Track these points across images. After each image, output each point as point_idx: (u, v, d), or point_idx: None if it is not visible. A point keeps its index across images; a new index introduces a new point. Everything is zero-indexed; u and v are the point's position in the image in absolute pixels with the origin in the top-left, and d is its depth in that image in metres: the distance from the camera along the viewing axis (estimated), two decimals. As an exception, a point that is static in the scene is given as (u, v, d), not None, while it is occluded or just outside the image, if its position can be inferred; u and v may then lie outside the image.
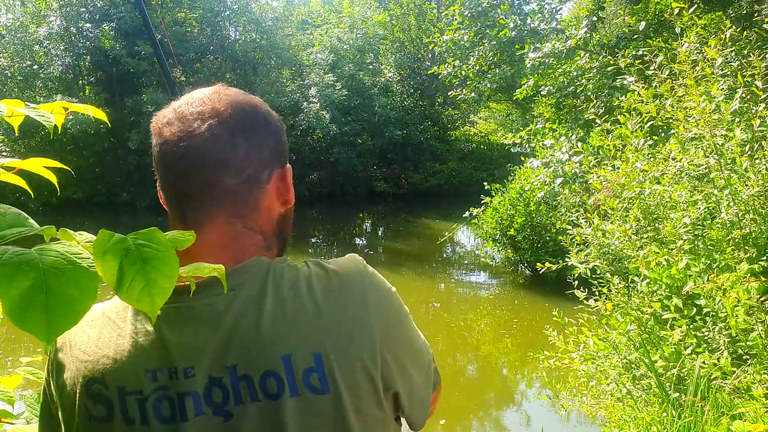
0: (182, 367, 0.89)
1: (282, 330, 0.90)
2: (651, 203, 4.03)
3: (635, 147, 4.25)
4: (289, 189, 1.07)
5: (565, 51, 7.53)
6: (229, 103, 1.01)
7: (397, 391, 0.98)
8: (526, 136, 8.48)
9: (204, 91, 1.03)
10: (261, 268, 0.95)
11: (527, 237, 9.79)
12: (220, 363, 0.89)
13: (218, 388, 0.88)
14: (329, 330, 0.91)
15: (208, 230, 0.97)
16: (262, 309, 0.91)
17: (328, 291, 0.95)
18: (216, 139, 0.97)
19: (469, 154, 26.16)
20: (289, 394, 0.88)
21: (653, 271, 3.65)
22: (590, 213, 4.61)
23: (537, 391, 6.39)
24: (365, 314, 0.95)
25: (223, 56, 20.84)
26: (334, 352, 0.90)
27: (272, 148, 1.04)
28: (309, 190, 22.14)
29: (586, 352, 4.03)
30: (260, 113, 1.05)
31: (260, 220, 1.02)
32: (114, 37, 18.26)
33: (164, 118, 1.01)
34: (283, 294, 0.93)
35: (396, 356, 0.98)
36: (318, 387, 0.89)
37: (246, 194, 1.00)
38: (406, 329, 1.04)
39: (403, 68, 25.40)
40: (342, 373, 0.90)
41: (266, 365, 0.88)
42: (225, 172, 0.97)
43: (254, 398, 0.88)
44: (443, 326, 8.81)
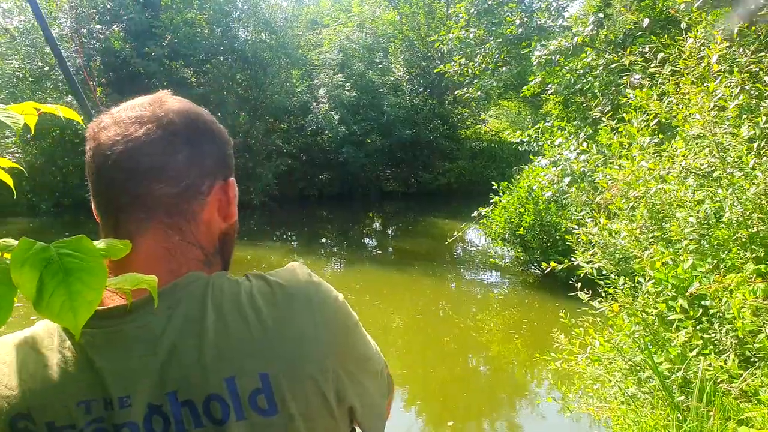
0: (117, 397, 0.82)
1: (224, 350, 0.84)
2: (657, 202, 3.97)
3: (640, 145, 4.18)
4: (231, 203, 1.00)
5: (572, 48, 7.46)
6: (172, 110, 0.94)
7: (352, 404, 0.93)
8: (534, 134, 8.41)
9: (146, 98, 0.97)
10: (199, 284, 0.89)
11: (536, 236, 9.72)
12: (159, 390, 0.82)
13: (158, 416, 0.82)
14: (276, 348, 0.86)
15: (141, 242, 0.90)
16: (202, 328, 0.84)
17: (273, 306, 0.89)
18: (153, 143, 0.90)
19: (480, 153, 26.08)
20: (235, 418, 0.82)
21: (659, 272, 3.58)
22: (597, 212, 4.54)
23: (545, 392, 6.33)
24: (314, 329, 0.90)
25: (233, 57, 20.85)
26: (282, 371, 0.85)
27: (216, 158, 0.98)
28: (318, 191, 22.14)
29: (592, 353, 3.97)
30: (205, 122, 0.98)
31: (199, 234, 0.95)
32: (124, 39, 18.31)
33: (100, 122, 0.94)
34: (224, 311, 0.87)
35: (348, 369, 0.93)
36: (266, 409, 0.83)
37: (183, 205, 0.92)
38: (357, 339, 0.98)
39: (412, 67, 25.35)
40: (291, 393, 0.85)
41: (209, 389, 0.82)
42: (160, 180, 0.90)
43: (198, 424, 0.82)
44: (452, 326, 8.75)
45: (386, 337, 8.37)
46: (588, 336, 4.06)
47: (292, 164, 20.96)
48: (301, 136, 21.93)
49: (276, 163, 19.96)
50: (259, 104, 20.74)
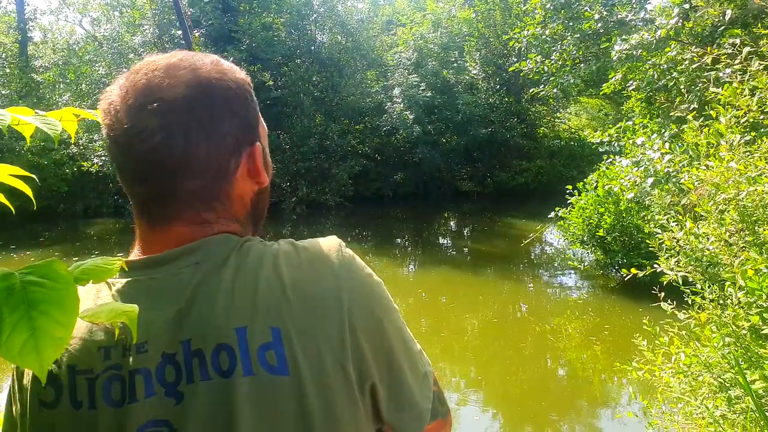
0: (135, 343, 0.81)
1: (239, 301, 0.82)
2: (749, 205, 3.69)
3: (730, 144, 3.90)
4: (259, 170, 0.95)
5: (655, 42, 7.10)
6: (181, 90, 0.86)
7: (374, 383, 0.85)
8: (615, 133, 8.06)
9: (153, 71, 0.88)
10: (227, 243, 0.88)
11: (617, 238, 9.34)
12: (175, 337, 0.81)
13: (171, 365, 0.80)
14: (292, 305, 0.82)
15: (177, 225, 0.89)
16: (220, 279, 0.84)
17: (295, 266, 0.86)
18: (172, 139, 0.85)
19: (558, 151, 25.52)
20: (242, 373, 0.78)
21: (752, 280, 3.32)
22: (683, 215, 4.28)
23: (625, 402, 6.06)
24: (336, 292, 0.85)
25: (309, 59, 21.11)
26: (297, 330, 0.81)
27: (237, 130, 0.92)
28: (393, 191, 22.15)
29: (677, 365, 3.73)
30: (217, 96, 0.90)
31: (233, 209, 0.94)
32: (204, 44, 18.80)
33: (111, 105, 0.88)
34: (246, 266, 0.85)
35: (375, 342, 0.86)
36: (275, 366, 0.79)
37: (214, 191, 0.90)
38: (392, 319, 0.91)
39: (488, 65, 25.00)
40: (305, 355, 0.80)
41: (219, 338, 0.80)
42: (186, 176, 0.87)
43: (205, 376, 0.79)
44: (529, 330, 8.54)
45: (461, 339, 8.24)
46: (673, 346, 3.82)
47: (366, 165, 21.05)
48: (376, 136, 21.99)
49: (351, 164, 20.08)
50: (334, 106, 20.92)
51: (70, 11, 21.46)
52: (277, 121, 20.03)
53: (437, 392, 1.00)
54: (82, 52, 19.71)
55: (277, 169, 19.17)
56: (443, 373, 7.10)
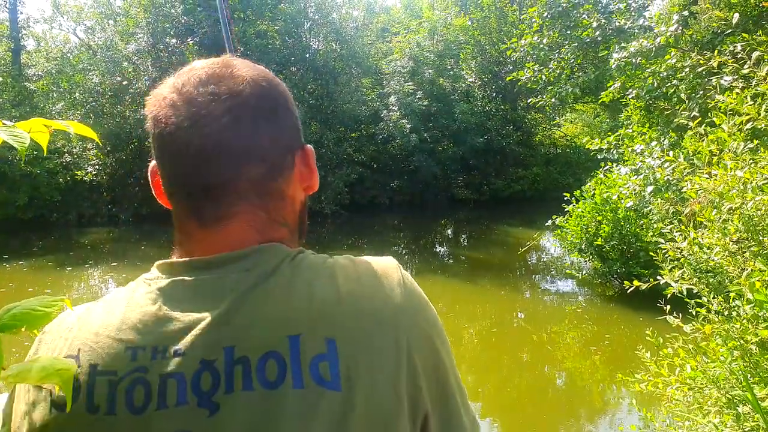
0: (172, 346, 0.76)
1: (292, 309, 0.77)
2: (754, 215, 3.61)
3: (733, 152, 3.82)
4: (312, 173, 0.95)
5: (654, 49, 7.04)
6: (246, 81, 0.86)
7: (427, 413, 0.80)
8: (614, 141, 8.01)
9: (211, 66, 0.88)
10: (280, 251, 0.85)
11: (616, 246, 9.28)
12: (217, 343, 0.75)
13: (209, 372, 0.74)
14: (348, 317, 0.78)
15: (228, 225, 0.85)
16: (272, 286, 0.80)
17: (353, 279, 0.82)
18: (238, 124, 0.83)
19: (554, 159, 25.59)
20: (292, 384, 0.73)
21: (759, 293, 3.24)
22: (685, 224, 4.20)
23: (626, 414, 5.98)
24: (394, 309, 0.81)
25: (304, 67, 21.07)
26: (353, 344, 0.76)
27: (292, 128, 0.92)
28: (389, 199, 22.11)
29: (682, 378, 3.64)
30: (278, 89, 0.91)
31: (285, 211, 0.91)
32: (198, 52, 18.75)
33: (165, 100, 0.86)
34: (300, 275, 0.81)
35: (430, 372, 0.82)
36: (328, 380, 0.73)
37: (272, 184, 0.88)
38: (448, 351, 0.88)
39: (484, 72, 25.05)
40: (360, 370, 0.75)
41: (268, 345, 0.74)
42: (249, 161, 0.85)
43: (248, 386, 0.73)
44: (527, 339, 8.47)
45: (459, 348, 8.17)
46: (677, 358, 3.74)
47: (362, 172, 20.99)
48: (372, 144, 21.95)
49: (347, 172, 20.02)
50: (330, 113, 20.88)
51: (64, 20, 21.37)
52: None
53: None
54: (76, 60, 19.62)
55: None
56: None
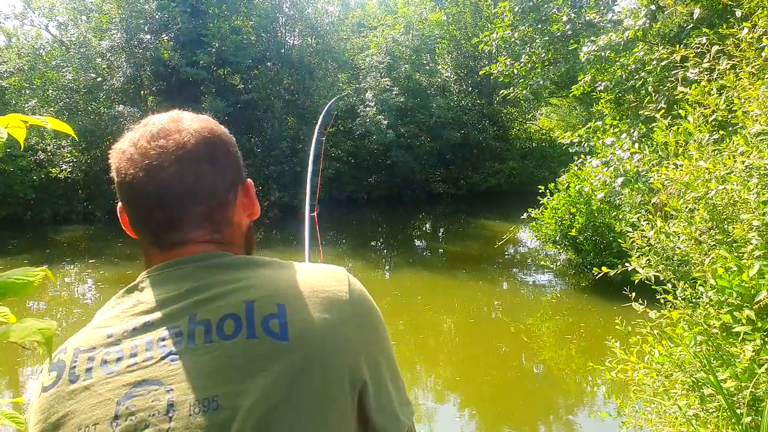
0: (142, 321, 0.92)
1: (248, 285, 0.94)
2: (718, 203, 3.71)
3: (698, 143, 3.92)
4: (253, 202, 1.13)
5: (623, 43, 7.15)
6: (190, 133, 1.03)
7: (365, 381, 0.94)
8: (585, 134, 8.11)
9: (161, 121, 1.05)
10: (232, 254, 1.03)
11: (589, 238, 9.42)
12: (180, 313, 0.92)
13: (173, 334, 0.90)
14: (298, 293, 0.94)
15: (187, 247, 1.02)
16: (229, 270, 0.98)
17: (305, 271, 1.01)
18: (183, 172, 0.99)
19: (530, 153, 25.75)
20: (246, 335, 0.88)
21: (722, 279, 3.34)
22: (653, 214, 4.30)
23: (601, 401, 6.09)
24: (340, 298, 0.97)
25: (280, 62, 20.99)
26: (300, 309, 0.92)
27: (233, 168, 1.09)
28: (367, 194, 22.10)
29: (650, 364, 3.74)
30: (218, 138, 1.07)
31: (234, 235, 1.08)
32: (173, 48, 18.59)
33: (125, 153, 1.02)
34: (253, 265, 1.00)
35: (370, 347, 0.97)
36: (277, 332, 0.88)
37: (219, 215, 1.05)
38: (388, 344, 1.03)
39: (460, 67, 25.11)
40: (305, 329, 0.90)
41: (227, 309, 0.90)
42: (196, 201, 1.01)
43: (208, 340, 0.88)
44: (504, 330, 8.57)
45: (437, 340, 8.25)
46: (645, 345, 3.83)
47: (340, 168, 20.96)
48: (349, 139, 21.92)
49: (324, 167, 19.99)
50: (306, 109, 20.81)
51: (35, 15, 20.99)
52: (248, 124, 19.87)
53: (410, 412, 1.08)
54: (49, 57, 19.34)
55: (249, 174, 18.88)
56: (420, 372, 7.08)
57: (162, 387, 0.85)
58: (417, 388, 6.64)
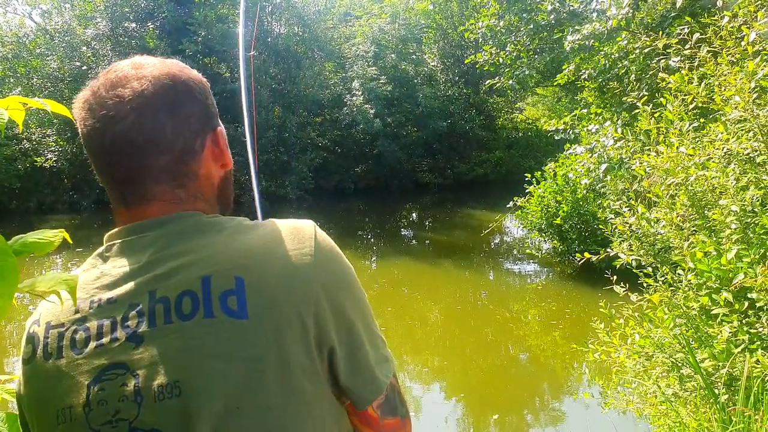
0: (105, 296, 0.91)
1: (205, 256, 0.90)
2: (698, 190, 3.78)
3: (679, 130, 3.99)
4: (223, 152, 1.07)
5: (607, 32, 7.21)
6: (148, 80, 0.97)
7: (333, 347, 0.91)
8: (570, 121, 8.18)
9: (122, 68, 0.99)
10: (197, 216, 0.98)
11: (574, 226, 9.50)
12: (141, 288, 0.89)
13: (136, 313, 0.88)
14: (258, 261, 0.90)
15: (151, 204, 0.98)
16: (187, 241, 0.93)
17: (267, 233, 0.95)
18: (141, 121, 0.94)
19: (516, 142, 25.83)
20: (203, 314, 0.85)
21: (701, 263, 3.41)
22: (635, 201, 4.37)
23: (587, 385, 6.18)
24: (304, 261, 0.93)
25: (266, 51, 20.90)
26: (259, 281, 0.88)
27: (199, 115, 1.02)
28: (354, 183, 22.11)
29: (631, 347, 3.82)
30: (180, 83, 1.01)
31: (201, 188, 1.02)
32: (158, 36, 18.49)
33: (85, 103, 0.98)
34: (215, 231, 0.95)
35: (338, 308, 0.93)
36: (235, 310, 0.85)
37: (183, 167, 0.99)
38: (360, 296, 0.99)
39: (446, 57, 25.10)
40: (265, 303, 0.87)
41: (184, 286, 0.87)
42: (156, 153, 0.96)
43: (168, 320, 0.86)
44: (490, 318, 8.64)
45: (424, 328, 8.31)
46: (627, 328, 3.91)
47: (327, 157, 20.95)
48: (336, 128, 21.90)
49: (311, 157, 19.97)
50: (293, 98, 20.77)
51: (18, 3, 20.86)
52: (235, 113, 19.78)
53: (399, 390, 1.07)
54: (33, 45, 19.17)
55: (236, 163, 18.75)
56: (407, 361, 7.15)
57: (128, 371, 0.85)
58: (404, 376, 6.70)
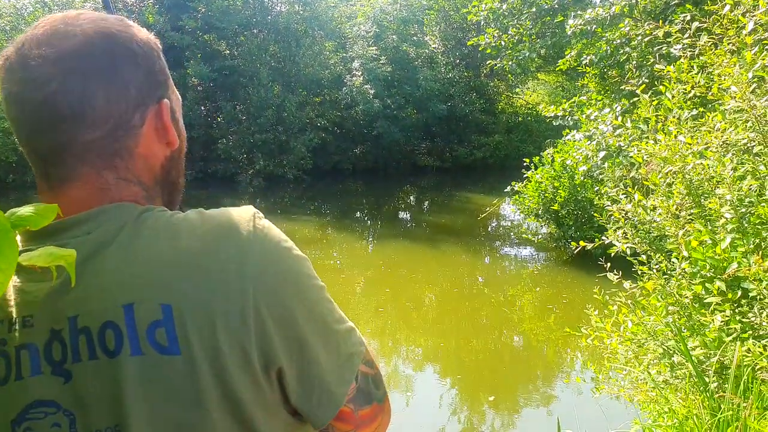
0: (21, 316, 0.76)
1: (128, 277, 0.75)
2: (695, 178, 3.79)
3: (677, 119, 3.99)
4: (167, 128, 0.90)
5: (609, 18, 7.18)
6: (80, 39, 0.81)
7: (281, 367, 0.79)
8: (569, 108, 8.16)
9: (53, 24, 0.83)
10: (124, 212, 0.82)
11: (571, 212, 9.53)
12: (61, 313, 0.75)
13: (58, 342, 0.75)
14: (186, 278, 0.76)
15: (73, 187, 0.83)
16: (111, 251, 0.77)
17: (197, 237, 0.79)
18: (67, 87, 0.79)
19: (516, 127, 25.77)
20: (130, 352, 0.73)
21: (696, 251, 3.43)
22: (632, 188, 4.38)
23: (580, 370, 6.23)
24: (239, 266, 0.78)
25: (266, 29, 20.77)
26: (191, 307, 0.74)
27: (141, 84, 0.86)
28: (352, 164, 22.06)
29: (624, 334, 3.85)
30: (120, 45, 0.85)
31: (136, 169, 0.87)
32: (158, 12, 18.36)
33: (5, 61, 0.83)
34: (141, 237, 0.79)
35: (284, 323, 0.79)
36: (165, 346, 0.73)
37: (115, 144, 0.84)
38: (310, 298, 0.84)
39: (448, 39, 24.96)
40: (198, 332, 0.74)
41: (105, 315, 0.74)
42: (83, 126, 0.81)
43: (92, 355, 0.74)
44: (486, 301, 8.69)
45: (420, 310, 8.35)
46: (621, 314, 3.94)
47: (325, 138, 20.87)
48: (335, 109, 21.80)
49: (309, 137, 19.90)
50: (292, 77, 20.65)
51: (17, -25, 20.58)
52: (233, 91, 19.71)
53: (372, 375, 0.94)
54: (32, 18, 19.02)
55: (234, 141, 18.80)
56: (401, 343, 7.19)
57: (60, 411, 0.75)
58: (398, 358, 6.75)
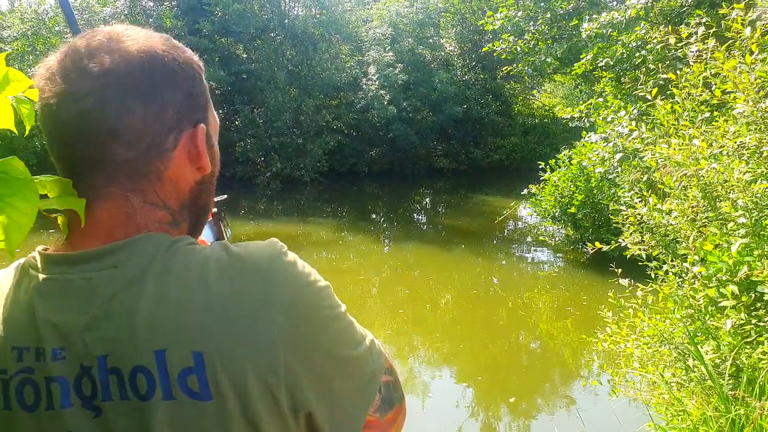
0: (51, 347, 0.76)
1: (159, 320, 0.75)
2: (710, 182, 3.80)
3: (691, 122, 4.00)
4: (200, 154, 0.88)
5: (625, 21, 7.17)
6: (122, 55, 0.81)
7: (311, 411, 0.80)
8: (585, 110, 8.16)
9: (96, 38, 0.83)
10: (153, 245, 0.80)
11: (588, 215, 9.52)
12: (90, 350, 0.75)
13: (88, 378, 0.76)
14: (217, 326, 0.76)
15: (99, 206, 0.82)
16: (140, 293, 0.76)
17: (225, 279, 0.78)
18: (104, 103, 0.79)
19: (532, 129, 25.72)
20: (162, 396, 0.74)
21: (711, 255, 3.44)
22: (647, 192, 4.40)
23: (596, 373, 6.22)
24: (267, 310, 0.78)
25: (283, 33, 20.91)
26: (221, 353, 0.75)
27: (179, 107, 0.85)
28: (368, 167, 22.14)
29: (640, 337, 3.87)
30: (160, 65, 0.84)
31: (164, 193, 0.86)
32: (175, 15, 18.56)
33: (47, 70, 0.83)
34: (169, 278, 0.78)
35: (311, 366, 0.80)
36: (197, 392, 0.74)
37: (145, 166, 0.83)
38: (333, 333, 0.85)
39: (463, 42, 24.97)
40: (229, 379, 0.75)
41: (136, 360, 0.74)
42: (116, 144, 0.80)
43: (123, 396, 0.75)
44: (502, 304, 8.69)
45: (435, 313, 8.38)
46: (637, 318, 3.96)
47: (342, 140, 20.98)
48: (351, 112, 21.89)
49: (326, 140, 20.01)
50: (309, 80, 20.78)
51: (38, -19, 20.86)
52: (251, 95, 19.86)
53: (392, 382, 0.95)
54: (53, 22, 19.29)
55: (251, 144, 18.95)
56: (417, 345, 7.23)
57: None
58: (414, 360, 6.79)
